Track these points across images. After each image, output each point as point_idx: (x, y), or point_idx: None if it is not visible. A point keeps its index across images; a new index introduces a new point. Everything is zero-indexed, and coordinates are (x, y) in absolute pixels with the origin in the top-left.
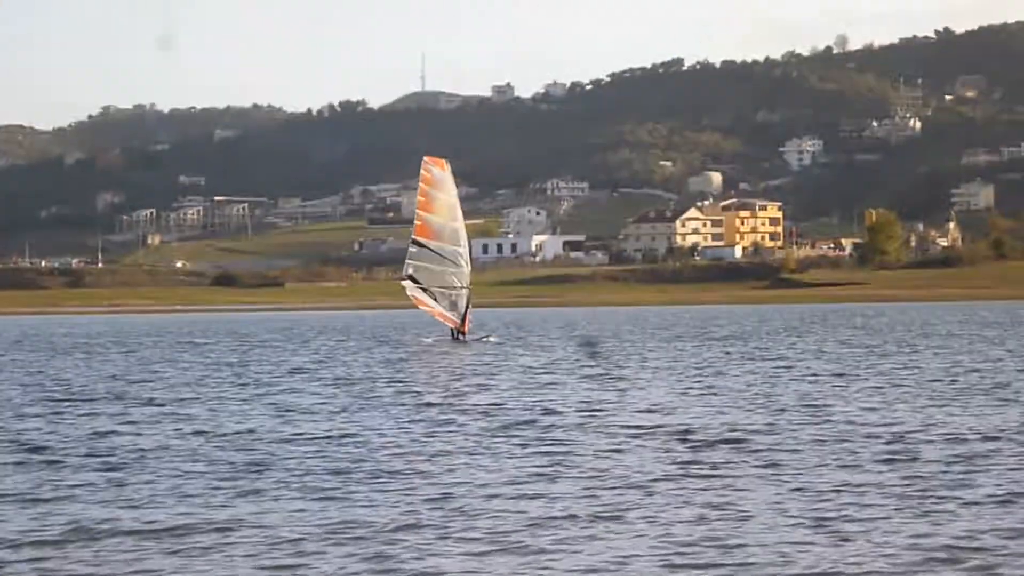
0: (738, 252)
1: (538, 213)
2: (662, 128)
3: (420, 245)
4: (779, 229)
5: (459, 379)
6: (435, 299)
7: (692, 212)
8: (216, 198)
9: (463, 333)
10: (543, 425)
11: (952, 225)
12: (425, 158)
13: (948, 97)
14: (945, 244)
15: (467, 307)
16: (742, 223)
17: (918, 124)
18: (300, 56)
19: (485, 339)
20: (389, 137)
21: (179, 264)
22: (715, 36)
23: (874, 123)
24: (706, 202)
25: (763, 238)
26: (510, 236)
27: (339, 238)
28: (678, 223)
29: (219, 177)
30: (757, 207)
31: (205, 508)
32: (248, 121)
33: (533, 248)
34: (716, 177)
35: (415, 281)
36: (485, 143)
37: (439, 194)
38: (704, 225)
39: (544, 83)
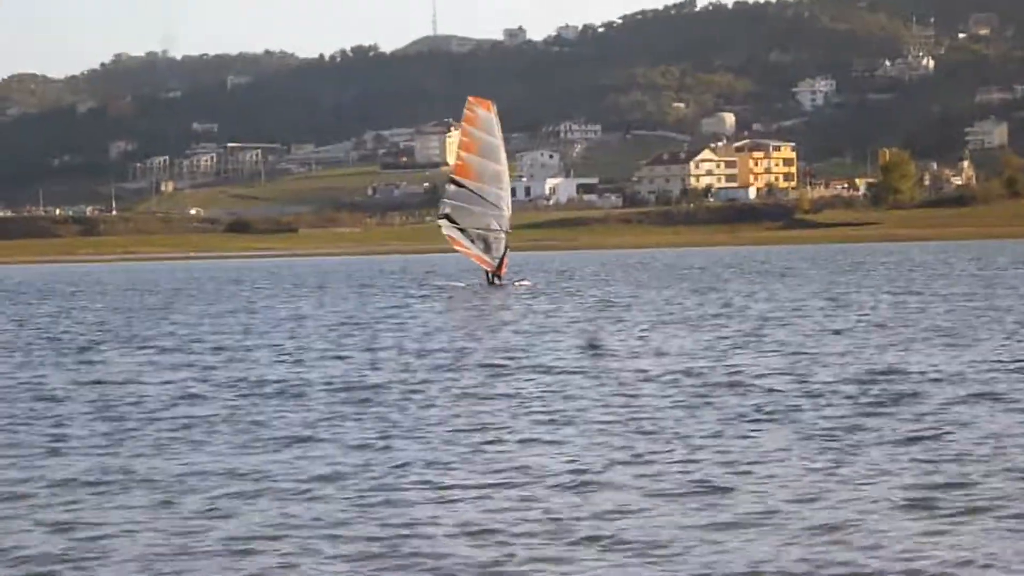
0: (752, 193)
1: (551, 156)
2: (674, 70)
3: (459, 185)
4: (793, 170)
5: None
6: (472, 240)
7: (705, 154)
8: (229, 145)
9: (499, 277)
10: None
11: (966, 164)
12: (470, 98)
13: (960, 35)
14: (959, 183)
15: (504, 251)
16: (755, 164)
17: (931, 63)
18: (311, 1)
19: (517, 284)
20: (401, 82)
21: (192, 211)
22: None
23: (887, 63)
24: (719, 143)
25: (777, 179)
26: (523, 179)
27: (352, 183)
28: (691, 165)
29: (232, 124)
30: (771, 148)
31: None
32: (260, 68)
33: (547, 192)
34: (729, 118)
35: (452, 221)
36: (497, 87)
37: (482, 135)
38: (718, 167)
39: (556, 26)
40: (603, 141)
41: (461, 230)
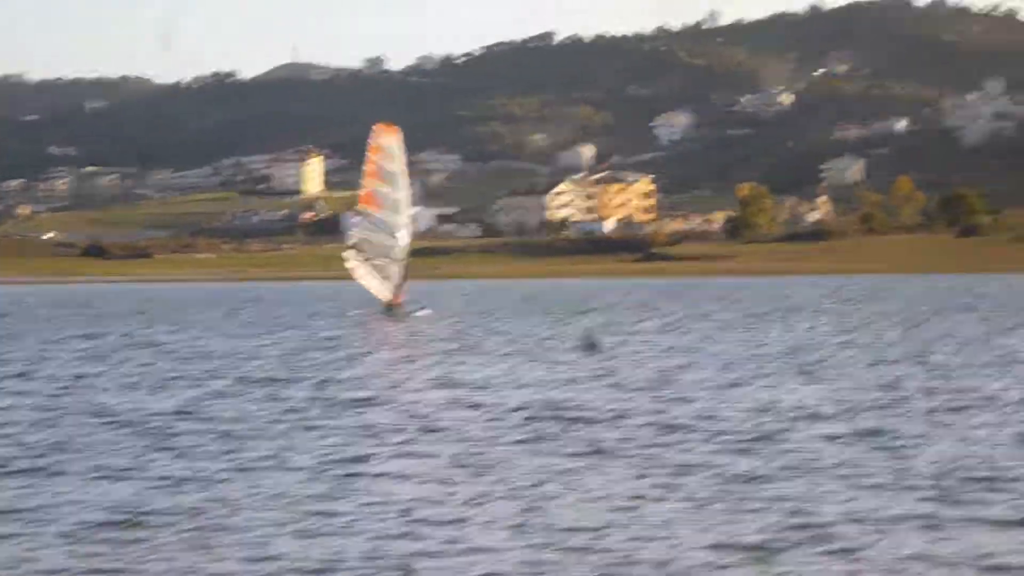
0: (609, 225)
1: (410, 185)
2: (534, 101)
3: (364, 215)
4: (650, 203)
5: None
6: (373, 270)
7: (564, 185)
8: (86, 169)
9: (396, 305)
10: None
11: (822, 199)
12: (375, 126)
13: (819, 71)
14: (815, 218)
15: (403, 280)
16: (613, 197)
17: (789, 99)
18: (172, 27)
19: (416, 313)
20: (260, 109)
21: (48, 235)
22: (586, 11)
23: (745, 97)
24: (578, 175)
25: (634, 212)
26: None
27: (210, 210)
28: (549, 196)
29: (90, 148)
30: (628, 181)
31: None
32: (119, 92)
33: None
34: (587, 150)
35: (359, 251)
36: (357, 115)
37: (385, 163)
38: (575, 198)
39: (416, 55)
40: (462, 171)
41: (364, 260)
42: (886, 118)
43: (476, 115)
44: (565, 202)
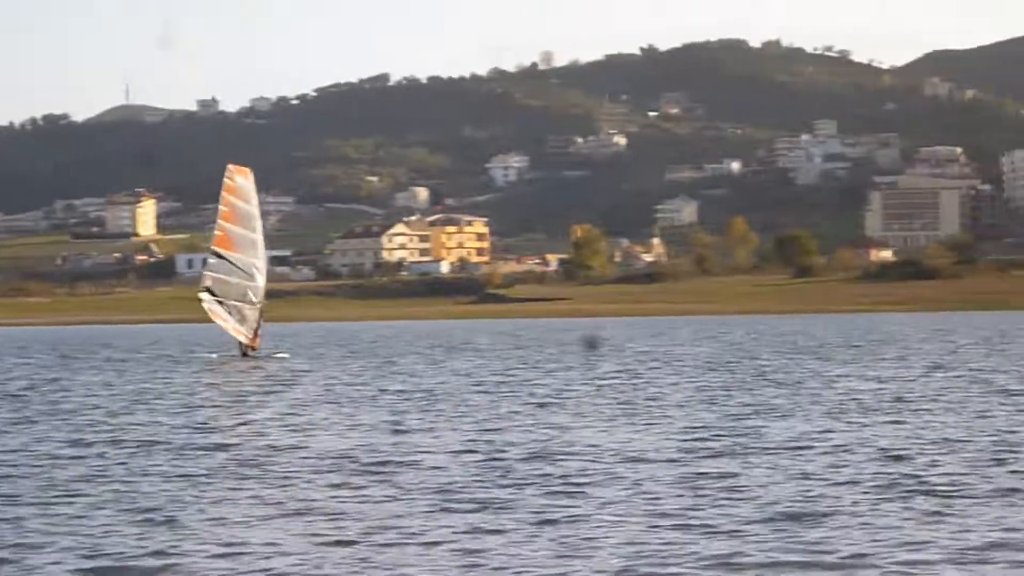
0: (445, 267)
1: None
2: (368, 143)
3: (219, 256)
4: (485, 244)
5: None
6: (229, 312)
7: (399, 227)
8: None
9: (253, 348)
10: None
11: (656, 241)
12: (229, 166)
13: (652, 114)
14: (650, 259)
15: (259, 323)
16: (448, 238)
17: (623, 140)
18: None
19: (275, 355)
20: (93, 151)
21: None
22: (421, 53)
23: (580, 139)
24: (413, 217)
25: (470, 253)
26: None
27: (42, 253)
28: (384, 238)
29: None
30: (463, 222)
31: None
32: None
33: None
34: (422, 192)
35: (212, 294)
36: (190, 157)
37: (240, 203)
38: (411, 240)
39: (250, 97)
40: (296, 213)
41: (220, 302)
42: (719, 159)
43: (311, 157)
44: (400, 244)
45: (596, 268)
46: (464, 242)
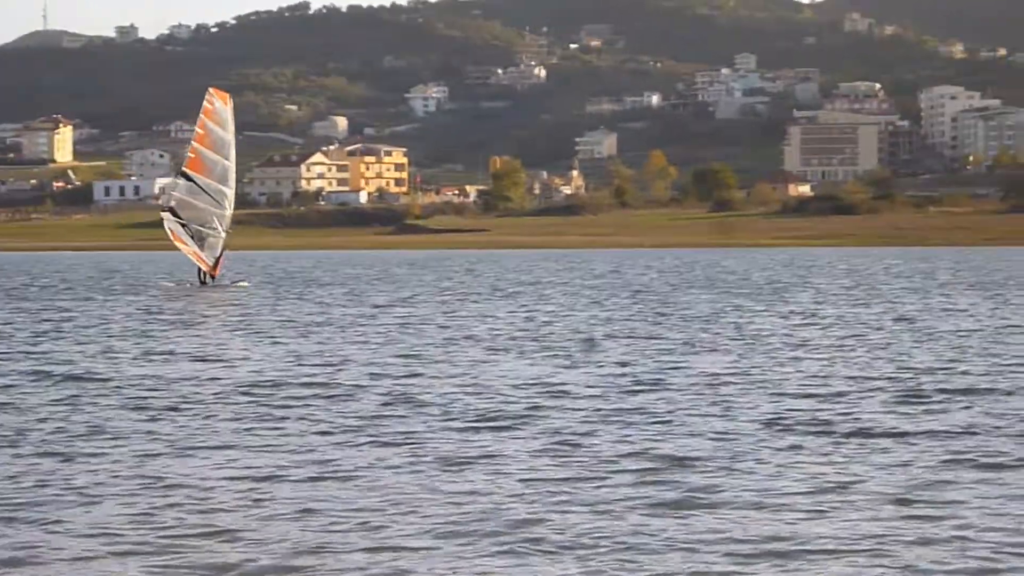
0: (363, 197)
1: (162, 156)
2: (288, 72)
3: (189, 179)
4: (404, 175)
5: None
6: (191, 237)
7: (317, 157)
8: None
9: (212, 277)
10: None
11: (575, 173)
12: (210, 89)
13: (573, 46)
14: (569, 192)
15: (221, 251)
16: (367, 168)
17: (543, 72)
18: None
19: (236, 284)
20: (10, 77)
21: None
22: None
23: (500, 71)
24: (331, 147)
25: (388, 184)
26: (133, 178)
27: None
28: (303, 167)
29: None
30: (382, 153)
31: None
32: None
33: (156, 191)
34: (342, 122)
35: (175, 215)
36: (109, 84)
37: (216, 128)
38: (329, 170)
39: (169, 24)
40: None
41: (183, 225)
42: (640, 93)
43: (230, 85)
44: (319, 173)
45: (515, 200)
46: (383, 172)
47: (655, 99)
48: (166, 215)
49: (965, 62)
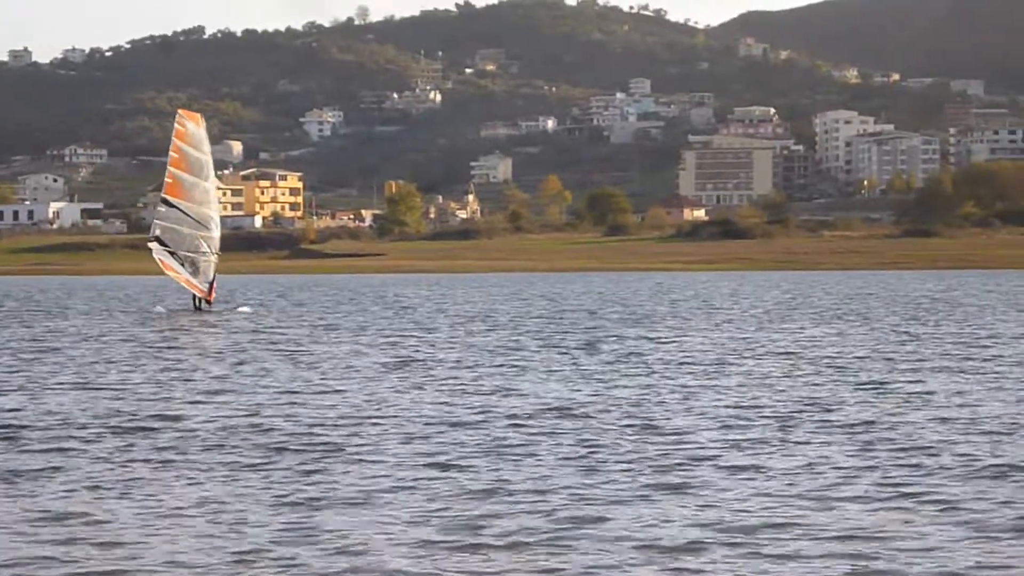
0: (258, 222)
1: (55, 180)
2: (182, 96)
3: (169, 205)
4: (299, 199)
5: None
6: (181, 264)
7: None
8: None
9: (208, 302)
10: None
11: (471, 197)
12: (180, 111)
13: (468, 71)
14: (464, 216)
15: (214, 275)
16: (262, 193)
17: (438, 97)
18: None
19: (235, 309)
20: None
21: None
22: (236, 6)
23: (395, 95)
24: (226, 171)
25: (283, 208)
26: (26, 203)
27: None
28: None
29: None
30: (277, 177)
31: None
32: None
33: (50, 215)
34: (236, 146)
35: (162, 243)
36: (1, 108)
37: (192, 151)
38: (224, 195)
39: (63, 48)
40: (109, 166)
41: (171, 253)
42: (534, 117)
43: (124, 109)
44: None
45: (411, 224)
46: (277, 196)
47: (550, 124)
48: (153, 245)
49: (859, 87)
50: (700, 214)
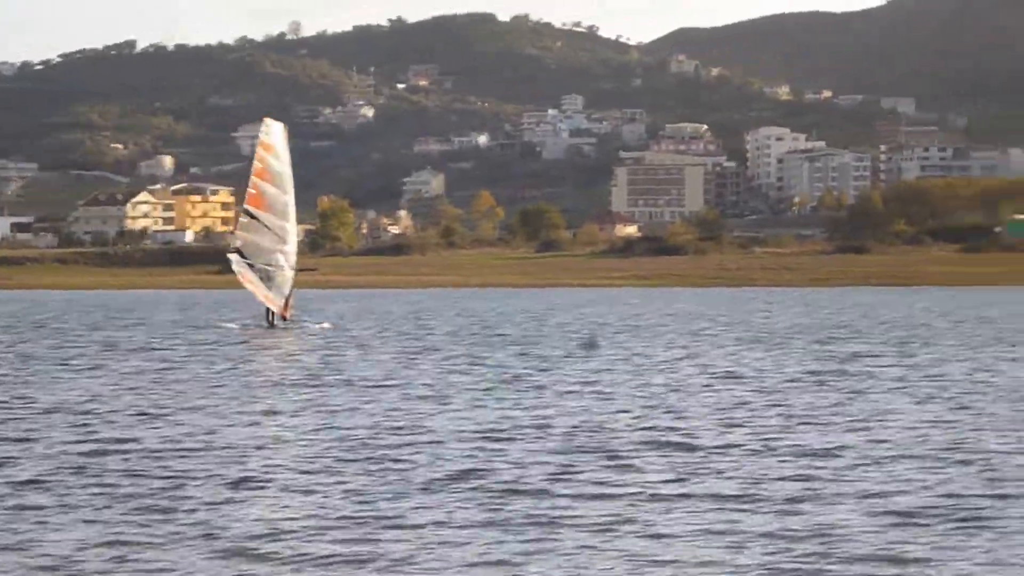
0: (190, 236)
1: None
2: (114, 110)
3: (251, 216)
4: (231, 214)
5: None
6: (260, 278)
7: (143, 196)
8: None
9: (284, 318)
10: None
11: (403, 213)
12: (265, 119)
13: (400, 86)
14: (397, 231)
15: (291, 290)
16: (193, 207)
17: (371, 112)
18: None
19: (318, 325)
20: None
21: None
22: (168, 20)
23: (327, 110)
24: (157, 186)
25: (215, 223)
26: None
27: None
28: (128, 206)
29: None
30: (209, 191)
31: None
32: None
33: None
34: (168, 160)
35: (242, 255)
36: None
37: (274, 162)
38: (155, 209)
39: None
40: (40, 179)
41: (250, 265)
42: (467, 133)
43: (55, 123)
44: (144, 212)
45: (343, 240)
46: (209, 211)
47: (482, 139)
48: (233, 256)
49: (791, 104)
50: (632, 230)
